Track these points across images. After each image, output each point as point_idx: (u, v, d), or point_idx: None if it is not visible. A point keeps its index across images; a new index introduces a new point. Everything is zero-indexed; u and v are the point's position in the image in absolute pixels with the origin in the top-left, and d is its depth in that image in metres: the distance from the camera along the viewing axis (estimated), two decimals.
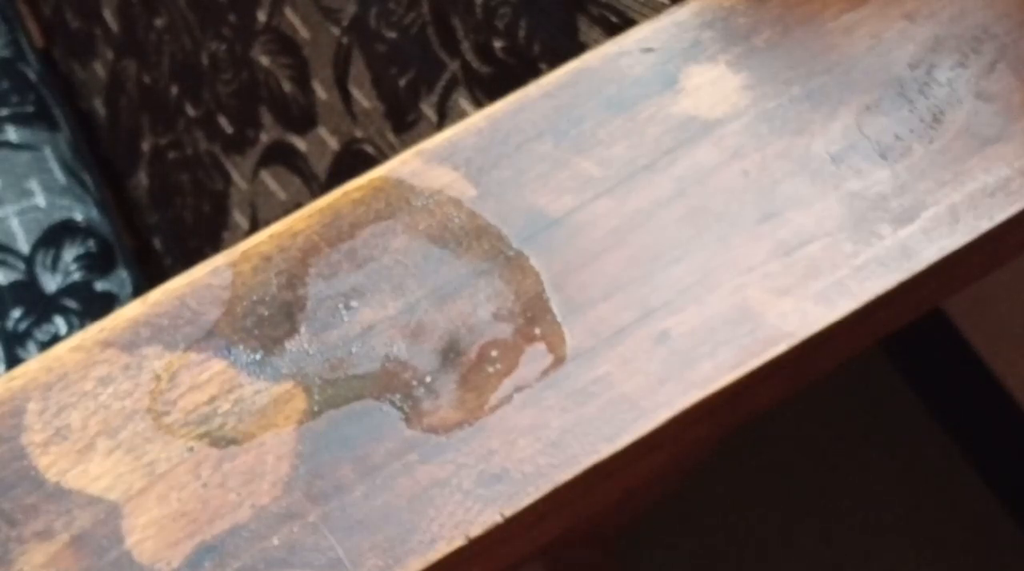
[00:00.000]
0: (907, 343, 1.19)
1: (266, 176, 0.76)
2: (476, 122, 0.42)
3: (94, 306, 0.78)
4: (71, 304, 0.77)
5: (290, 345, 0.39)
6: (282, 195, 0.76)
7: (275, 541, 0.36)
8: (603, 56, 0.44)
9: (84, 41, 0.90)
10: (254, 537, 0.37)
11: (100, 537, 0.36)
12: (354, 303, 0.40)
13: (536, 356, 0.39)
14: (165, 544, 0.36)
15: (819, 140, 0.42)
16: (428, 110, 0.64)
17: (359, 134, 0.69)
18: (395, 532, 0.37)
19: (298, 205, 0.65)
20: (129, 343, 0.39)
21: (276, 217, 0.71)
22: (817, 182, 0.42)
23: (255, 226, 0.78)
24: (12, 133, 0.84)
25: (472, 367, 0.39)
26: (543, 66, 0.58)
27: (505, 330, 0.39)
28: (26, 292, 0.76)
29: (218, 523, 0.37)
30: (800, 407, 1.15)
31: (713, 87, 0.43)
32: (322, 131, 0.72)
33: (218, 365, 0.39)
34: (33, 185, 0.81)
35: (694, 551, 1.15)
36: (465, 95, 0.62)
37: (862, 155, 0.42)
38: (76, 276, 0.78)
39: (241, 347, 0.39)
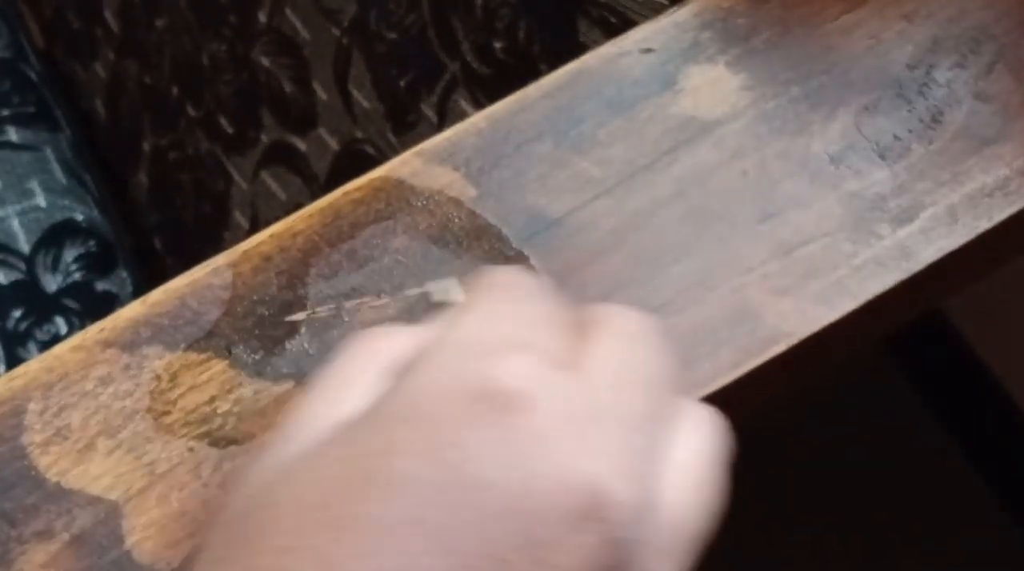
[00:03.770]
0: (907, 343, 1.19)
1: (266, 176, 0.76)
2: (476, 123, 0.42)
3: (95, 306, 0.78)
4: (72, 304, 0.77)
5: (290, 345, 0.39)
6: (282, 195, 0.76)
7: None
8: (602, 57, 0.44)
9: (85, 41, 0.90)
10: None
11: (100, 537, 0.36)
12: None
13: None
14: (165, 544, 0.36)
15: (818, 140, 0.42)
16: (428, 111, 0.64)
17: (359, 134, 0.69)
18: None
19: (298, 205, 0.65)
20: (129, 343, 0.39)
21: (276, 217, 0.71)
22: (816, 182, 0.42)
23: (255, 226, 0.78)
24: (13, 133, 0.84)
25: None
26: (543, 67, 0.58)
27: None
28: (27, 292, 0.77)
29: None
30: (800, 407, 1.16)
31: (712, 88, 0.43)
32: (322, 131, 0.72)
33: (218, 365, 0.39)
34: (34, 185, 0.81)
35: None
36: (465, 96, 0.62)
37: (861, 155, 0.42)
38: (77, 276, 0.78)
39: (241, 347, 0.39)
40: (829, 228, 0.41)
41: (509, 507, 0.26)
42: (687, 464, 0.29)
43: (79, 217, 0.81)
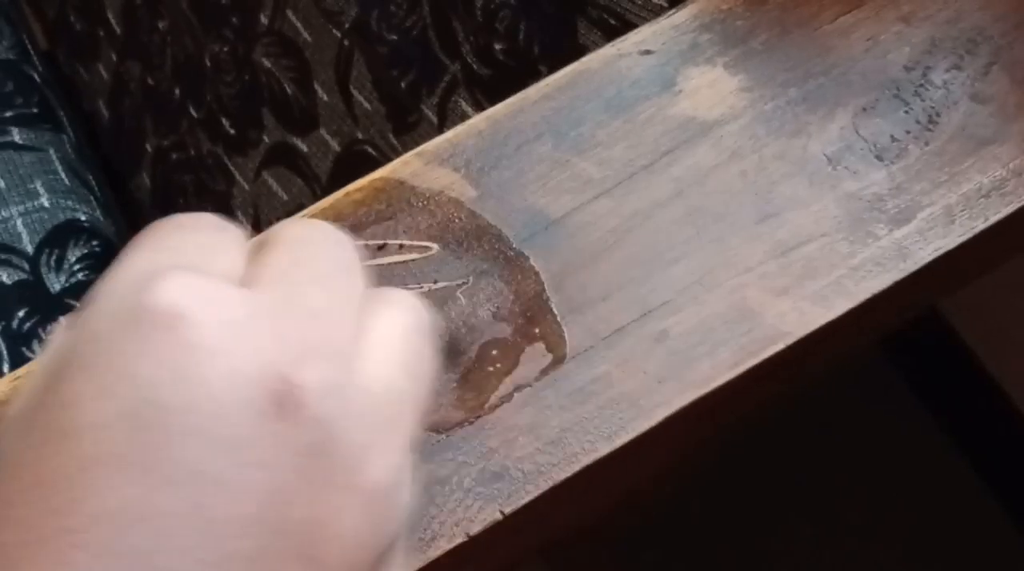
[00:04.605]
0: (904, 343, 1.20)
1: (268, 177, 0.77)
2: (476, 124, 0.43)
3: None
4: (75, 304, 0.78)
5: None
6: (284, 196, 0.76)
7: None
8: (602, 58, 0.44)
9: (88, 43, 0.90)
10: None
11: None
12: None
13: (536, 355, 0.39)
14: None
15: (816, 141, 0.43)
16: (429, 112, 0.65)
17: (360, 135, 0.69)
18: None
19: (300, 206, 0.66)
20: None
21: (278, 218, 0.72)
22: (814, 183, 0.42)
23: (257, 227, 0.78)
24: (16, 134, 0.84)
25: (472, 366, 0.39)
26: (543, 68, 0.58)
27: (505, 330, 0.39)
28: (31, 292, 0.77)
29: None
30: (798, 407, 1.16)
31: (711, 89, 0.43)
32: (324, 132, 0.72)
33: None
34: (37, 186, 0.81)
35: (693, 552, 1.15)
36: (465, 97, 0.63)
37: (858, 156, 0.42)
38: (80, 276, 0.79)
39: None
40: (827, 228, 0.41)
41: (194, 420, 0.26)
42: (386, 338, 0.30)
43: (82, 217, 0.81)
